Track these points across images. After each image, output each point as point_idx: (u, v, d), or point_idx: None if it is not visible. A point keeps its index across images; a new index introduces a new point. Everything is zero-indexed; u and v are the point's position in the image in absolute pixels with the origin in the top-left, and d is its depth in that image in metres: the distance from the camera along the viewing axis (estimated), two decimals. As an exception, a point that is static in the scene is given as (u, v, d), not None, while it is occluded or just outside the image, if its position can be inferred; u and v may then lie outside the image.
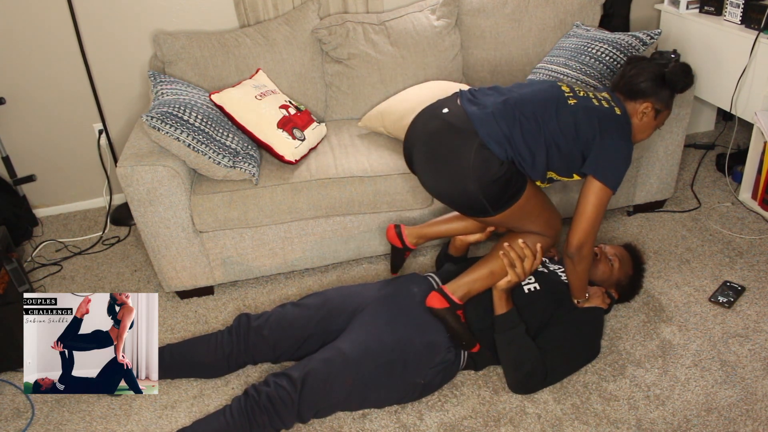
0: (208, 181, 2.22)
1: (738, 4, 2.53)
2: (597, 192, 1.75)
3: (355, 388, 1.74)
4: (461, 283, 1.87)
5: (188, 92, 2.30)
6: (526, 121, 1.72)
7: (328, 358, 1.75)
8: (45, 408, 1.95)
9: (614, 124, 1.76)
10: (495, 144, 1.68)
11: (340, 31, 2.61)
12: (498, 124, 1.70)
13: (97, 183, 3.04)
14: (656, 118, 1.88)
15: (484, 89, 1.86)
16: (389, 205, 2.29)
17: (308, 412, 1.72)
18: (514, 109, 1.74)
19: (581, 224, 1.77)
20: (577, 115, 1.74)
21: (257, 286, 2.43)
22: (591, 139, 1.74)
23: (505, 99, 1.77)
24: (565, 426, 1.76)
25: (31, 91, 2.76)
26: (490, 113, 1.72)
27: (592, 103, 1.78)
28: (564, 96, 1.78)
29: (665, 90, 1.84)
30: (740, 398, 1.80)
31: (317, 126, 2.43)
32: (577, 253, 1.80)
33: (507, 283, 1.86)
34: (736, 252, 2.38)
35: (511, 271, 1.85)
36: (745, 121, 2.74)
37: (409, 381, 1.79)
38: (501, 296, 1.86)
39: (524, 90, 1.83)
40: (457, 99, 1.82)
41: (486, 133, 1.69)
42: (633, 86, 1.84)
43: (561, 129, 1.73)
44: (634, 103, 1.85)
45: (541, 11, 2.70)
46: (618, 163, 1.75)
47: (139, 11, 2.67)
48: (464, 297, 1.85)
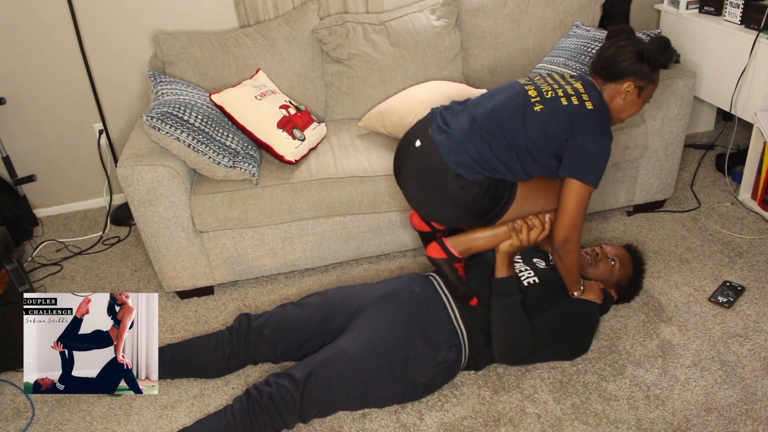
0: (208, 181, 2.22)
1: (738, 4, 2.53)
2: (576, 189, 1.75)
3: (357, 388, 1.74)
4: (462, 239, 1.90)
5: (188, 92, 2.30)
6: (494, 138, 1.75)
7: (329, 357, 1.75)
8: (45, 408, 1.95)
9: (586, 121, 1.73)
10: (466, 171, 1.74)
11: (340, 31, 2.61)
12: (467, 151, 1.75)
13: (97, 183, 3.04)
14: (641, 95, 1.84)
15: (455, 107, 1.87)
16: (389, 205, 2.29)
17: (310, 411, 1.72)
18: (480, 130, 1.76)
19: (564, 220, 1.78)
20: (544, 121, 1.74)
21: (257, 286, 2.43)
22: (563, 141, 1.73)
23: (471, 121, 1.78)
24: (565, 426, 1.76)
25: (31, 91, 2.76)
26: (457, 141, 1.76)
27: (561, 104, 1.74)
28: (530, 102, 1.76)
29: (646, 66, 1.79)
30: (740, 398, 1.80)
31: (317, 126, 2.43)
32: (563, 247, 1.81)
33: (509, 246, 1.87)
34: (736, 252, 2.38)
35: (514, 234, 1.86)
36: (745, 121, 2.74)
37: (410, 380, 1.79)
38: (503, 259, 1.88)
39: (491, 104, 1.82)
40: (429, 127, 1.84)
41: (456, 164, 1.74)
42: (612, 67, 1.80)
43: (530, 138, 1.74)
44: (615, 84, 1.81)
45: (541, 11, 2.70)
46: (594, 161, 1.74)
47: (139, 11, 2.67)
48: (464, 252, 1.88)
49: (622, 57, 1.79)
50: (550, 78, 1.85)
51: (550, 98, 1.76)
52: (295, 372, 1.72)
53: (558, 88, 1.79)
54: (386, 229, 2.37)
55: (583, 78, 1.85)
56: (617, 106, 1.84)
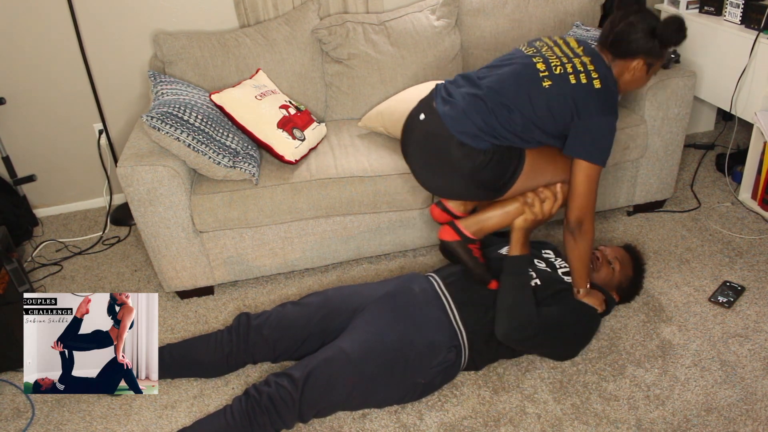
0: (208, 181, 2.22)
1: (738, 4, 2.53)
2: (585, 170, 1.75)
3: (357, 388, 1.74)
4: (474, 220, 1.88)
5: (188, 92, 2.30)
6: (499, 109, 1.73)
7: (329, 357, 1.75)
8: (45, 408, 1.95)
9: (592, 101, 1.71)
10: (470, 138, 1.72)
11: (340, 31, 2.61)
12: (471, 119, 1.73)
13: (97, 183, 3.04)
14: (649, 71, 1.83)
15: (458, 80, 1.85)
16: (389, 205, 2.29)
17: (309, 411, 1.72)
18: (486, 100, 1.74)
19: (577, 201, 1.77)
20: (550, 99, 1.71)
21: (257, 286, 2.43)
22: (569, 120, 1.72)
23: (476, 91, 1.76)
24: (565, 426, 1.76)
25: (31, 91, 2.76)
26: (461, 110, 1.74)
27: (569, 81, 1.71)
28: (538, 77, 1.73)
29: (657, 44, 1.76)
30: (740, 398, 1.80)
31: (317, 126, 2.43)
32: (578, 227, 1.80)
33: (524, 221, 1.85)
34: (736, 252, 2.38)
35: (528, 209, 1.84)
36: (745, 121, 2.74)
37: (409, 380, 1.79)
38: (518, 237, 1.85)
39: (496, 75, 1.78)
40: (433, 100, 1.83)
41: (459, 132, 1.72)
42: (623, 45, 1.76)
43: (536, 113, 1.73)
44: (624, 61, 1.79)
45: (541, 11, 2.70)
46: (601, 140, 1.73)
47: (139, 11, 2.67)
48: (477, 233, 1.85)
49: (634, 35, 1.74)
50: (557, 48, 1.80)
51: (559, 74, 1.72)
52: (294, 372, 1.72)
53: (567, 62, 1.74)
54: (386, 229, 2.37)
55: (592, 52, 1.79)
56: (624, 81, 1.83)
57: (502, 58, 1.87)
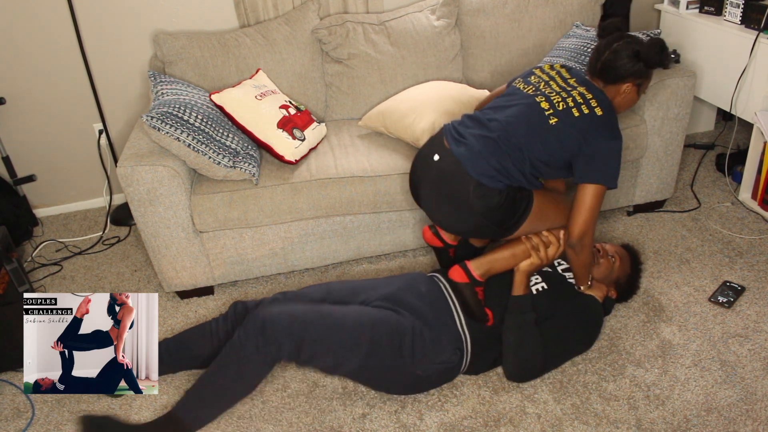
0: (208, 181, 2.22)
1: (738, 4, 2.53)
2: (594, 191, 1.81)
3: (361, 346, 1.72)
4: (483, 261, 1.91)
5: (188, 92, 2.30)
6: (513, 151, 1.79)
7: (349, 310, 1.76)
8: (45, 408, 1.95)
9: (598, 128, 1.79)
10: (488, 179, 1.77)
11: (340, 31, 2.61)
12: (487, 161, 1.78)
13: (97, 183, 3.04)
14: (639, 92, 1.92)
15: (466, 121, 1.91)
16: (389, 205, 2.29)
17: (309, 347, 1.68)
18: (499, 143, 1.80)
19: (581, 217, 1.82)
20: (559, 133, 1.79)
21: (257, 286, 2.43)
22: (577, 150, 1.79)
23: (488, 133, 1.82)
24: (565, 426, 1.76)
25: (31, 91, 2.76)
26: (477, 152, 1.79)
27: (573, 115, 1.79)
28: (545, 116, 1.81)
29: (643, 66, 1.86)
30: (740, 398, 1.80)
31: (317, 126, 2.43)
32: (579, 242, 1.85)
33: (530, 265, 1.90)
34: (736, 252, 2.38)
35: (534, 253, 1.90)
36: (745, 121, 2.74)
37: (410, 369, 1.78)
38: (522, 278, 1.90)
39: (503, 117, 1.84)
40: (444, 140, 1.88)
41: (478, 173, 1.77)
42: (611, 72, 1.86)
43: (548, 151, 1.80)
44: (615, 86, 1.88)
45: (541, 11, 2.70)
46: (610, 164, 1.80)
47: (139, 11, 2.67)
48: (485, 275, 1.90)
49: (620, 61, 1.84)
50: (553, 83, 1.89)
51: (563, 110, 1.80)
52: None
53: (567, 96, 1.83)
54: (386, 229, 2.37)
55: (584, 81, 1.89)
56: (617, 104, 1.92)
57: (503, 98, 1.93)
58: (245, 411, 1.88)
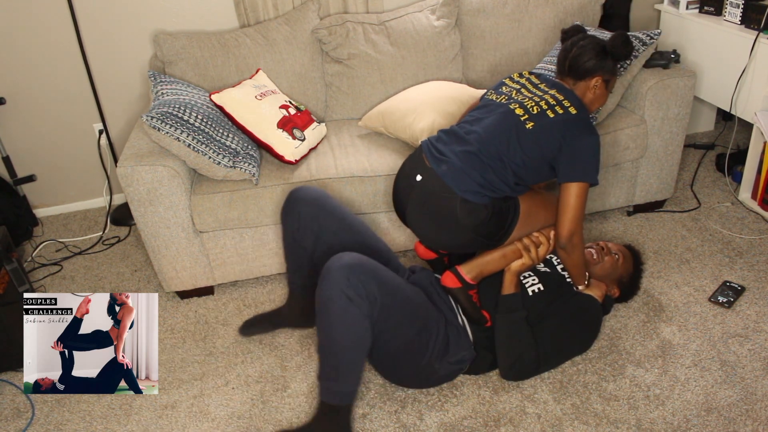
0: (208, 181, 2.22)
1: (738, 4, 2.54)
2: (578, 189, 1.82)
3: (416, 326, 1.72)
4: (474, 264, 1.91)
5: (188, 92, 2.30)
6: (493, 162, 1.80)
7: (408, 286, 1.78)
8: (45, 408, 1.95)
9: (574, 127, 1.80)
10: (473, 195, 1.78)
11: (340, 31, 2.61)
12: (471, 177, 1.79)
13: (97, 183, 3.04)
14: (607, 87, 1.95)
15: (443, 137, 1.90)
16: (389, 205, 2.29)
17: (357, 276, 1.61)
18: (480, 156, 1.80)
19: (567, 215, 1.83)
20: (537, 137, 1.80)
21: (257, 286, 2.43)
22: (557, 150, 1.80)
23: (468, 148, 1.82)
24: (565, 426, 1.76)
25: (31, 91, 2.76)
26: (460, 169, 1.80)
27: (548, 117, 1.81)
28: (521, 122, 1.82)
29: (610, 61, 1.90)
30: (740, 398, 1.80)
31: (317, 126, 2.43)
32: (569, 242, 1.85)
33: (521, 265, 1.91)
34: (736, 252, 2.38)
35: (525, 254, 1.91)
36: (745, 121, 2.74)
37: (427, 360, 1.78)
38: (512, 278, 1.91)
39: (480, 129, 1.85)
40: (425, 159, 1.87)
41: (462, 190, 1.78)
42: (579, 67, 1.89)
43: (528, 155, 1.81)
44: (584, 81, 1.91)
45: (541, 11, 2.70)
46: (591, 160, 1.82)
47: (139, 11, 2.67)
48: (476, 277, 1.91)
49: (587, 56, 1.88)
50: (525, 90, 1.93)
51: (537, 113, 1.82)
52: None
53: (540, 100, 1.86)
54: (386, 229, 2.37)
55: (554, 83, 1.93)
56: (588, 101, 1.95)
57: (478, 110, 1.95)
58: (245, 411, 1.88)
